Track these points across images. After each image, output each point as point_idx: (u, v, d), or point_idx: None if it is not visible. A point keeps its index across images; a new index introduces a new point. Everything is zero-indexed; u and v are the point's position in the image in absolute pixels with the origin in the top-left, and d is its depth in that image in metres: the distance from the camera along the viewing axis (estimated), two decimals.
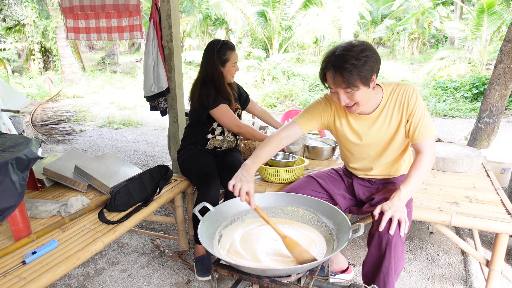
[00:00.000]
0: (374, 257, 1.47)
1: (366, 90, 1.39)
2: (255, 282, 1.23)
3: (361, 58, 1.31)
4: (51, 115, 6.88)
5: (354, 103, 1.43)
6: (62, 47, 11.18)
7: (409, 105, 1.49)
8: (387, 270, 1.43)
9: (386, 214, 1.40)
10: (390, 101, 1.53)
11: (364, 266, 1.54)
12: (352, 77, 1.32)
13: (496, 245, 1.65)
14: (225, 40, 2.15)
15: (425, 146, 1.50)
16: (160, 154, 4.67)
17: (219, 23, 14.38)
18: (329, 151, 2.49)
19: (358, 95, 1.39)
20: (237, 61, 2.14)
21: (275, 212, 1.58)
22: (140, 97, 3.79)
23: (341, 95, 1.41)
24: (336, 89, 1.40)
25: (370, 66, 1.34)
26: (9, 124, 2.72)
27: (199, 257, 2.07)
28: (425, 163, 1.49)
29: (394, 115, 1.53)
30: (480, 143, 3.49)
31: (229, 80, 2.18)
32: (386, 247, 1.40)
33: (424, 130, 1.49)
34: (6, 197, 1.23)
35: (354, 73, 1.32)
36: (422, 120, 1.49)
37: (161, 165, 2.06)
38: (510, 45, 3.21)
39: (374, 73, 1.37)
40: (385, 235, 1.40)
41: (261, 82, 9.91)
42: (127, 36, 3.14)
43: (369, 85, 1.39)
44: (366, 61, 1.32)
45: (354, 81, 1.33)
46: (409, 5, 14.08)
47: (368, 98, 1.45)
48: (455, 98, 7.77)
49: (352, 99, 1.41)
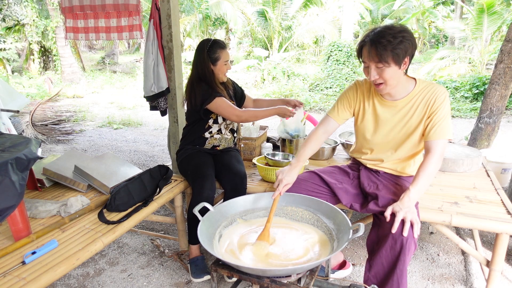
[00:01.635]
0: (386, 258, 1.46)
1: (396, 70, 1.43)
2: (255, 282, 1.23)
3: (397, 37, 1.37)
4: (51, 115, 6.88)
5: (382, 81, 1.47)
6: (61, 47, 11.19)
7: (435, 103, 1.53)
8: (401, 271, 1.44)
9: (398, 215, 1.40)
10: (420, 94, 1.56)
11: (373, 268, 1.52)
12: (386, 53, 1.38)
13: (496, 245, 1.64)
14: (216, 39, 2.14)
15: (437, 145, 1.52)
16: (160, 154, 4.67)
17: (219, 23, 14.37)
18: (329, 151, 2.49)
19: (387, 72, 1.43)
20: (228, 59, 2.13)
21: (275, 212, 1.58)
22: (140, 97, 3.79)
23: (372, 70, 1.46)
24: (369, 63, 1.45)
25: (404, 46, 1.39)
26: (8, 124, 2.71)
27: (193, 258, 2.07)
28: (433, 163, 1.50)
29: (419, 109, 1.56)
30: (480, 143, 3.49)
31: (221, 79, 2.17)
32: (400, 249, 1.41)
33: (441, 129, 1.52)
34: (6, 197, 1.23)
35: (388, 49, 1.37)
36: (443, 120, 1.52)
37: (161, 165, 2.06)
38: (510, 45, 3.20)
39: (407, 55, 1.42)
40: (399, 237, 1.40)
41: (261, 82, 9.91)
42: (126, 36, 3.14)
43: (400, 66, 1.43)
44: (402, 41, 1.38)
45: (387, 57, 1.39)
46: (409, 5, 14.08)
47: (397, 81, 1.48)
48: (455, 98, 7.76)
49: (381, 76, 1.45)
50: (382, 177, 1.74)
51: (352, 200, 1.71)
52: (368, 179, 1.75)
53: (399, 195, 1.56)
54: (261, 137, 2.60)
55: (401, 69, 1.45)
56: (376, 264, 1.50)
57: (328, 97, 8.49)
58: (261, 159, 2.25)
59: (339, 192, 1.71)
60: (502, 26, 8.92)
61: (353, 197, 1.73)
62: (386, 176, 1.74)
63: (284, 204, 1.59)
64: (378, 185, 1.70)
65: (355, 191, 1.75)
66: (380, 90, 1.54)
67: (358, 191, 1.75)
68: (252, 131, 2.56)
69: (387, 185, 1.69)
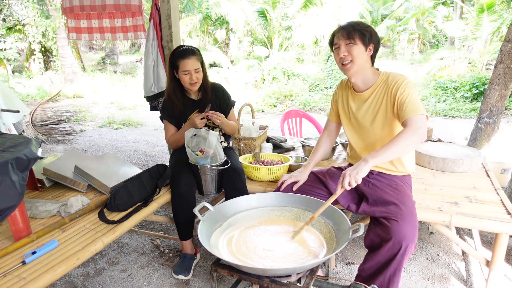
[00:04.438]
0: (384, 256, 1.48)
1: (363, 51, 1.58)
2: (255, 282, 1.23)
3: (365, 24, 1.61)
4: (51, 115, 6.89)
5: (350, 59, 1.59)
6: (62, 47, 11.19)
7: (395, 86, 1.58)
8: (395, 270, 1.47)
9: (345, 180, 1.43)
10: (382, 85, 1.64)
11: (368, 262, 1.55)
12: (354, 31, 1.57)
13: (496, 245, 1.65)
14: (185, 46, 2.06)
15: (410, 121, 1.50)
16: (160, 154, 4.67)
17: (219, 23, 14.36)
18: (329, 151, 2.48)
19: (355, 49, 1.57)
20: (188, 69, 2.00)
21: (276, 212, 1.58)
22: (140, 97, 3.79)
23: (342, 47, 1.60)
24: (339, 42, 1.60)
25: (369, 32, 1.58)
26: (9, 124, 2.71)
27: (183, 254, 2.13)
28: (404, 133, 1.47)
29: (384, 99, 1.62)
30: (480, 143, 3.49)
31: (187, 88, 2.13)
32: (399, 251, 1.43)
33: (411, 107, 1.52)
34: (6, 197, 1.23)
35: (356, 28, 1.57)
36: (409, 98, 1.54)
37: (159, 165, 2.06)
38: (510, 45, 3.21)
39: (372, 42, 1.59)
40: (401, 241, 1.42)
41: (261, 82, 9.91)
42: (131, 36, 3.16)
43: (366, 48, 1.59)
44: (368, 27, 1.59)
45: (354, 34, 1.57)
46: (409, 5, 14.06)
47: (363, 62, 1.60)
48: (455, 98, 7.77)
49: (350, 52, 1.58)
50: (375, 178, 1.74)
51: (349, 201, 1.72)
52: (363, 182, 1.72)
53: (392, 194, 1.58)
54: (261, 137, 2.60)
55: (367, 53, 1.60)
56: (372, 259, 1.53)
57: (328, 97, 8.49)
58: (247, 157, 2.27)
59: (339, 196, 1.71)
60: (501, 26, 8.91)
61: (350, 198, 1.74)
62: (380, 177, 1.74)
63: (284, 204, 1.60)
64: (370, 186, 1.70)
65: (352, 192, 1.76)
66: (348, 70, 1.62)
67: (355, 192, 1.76)
68: (252, 131, 2.56)
69: (380, 185, 1.69)
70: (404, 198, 1.59)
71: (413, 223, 1.48)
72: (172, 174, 2.03)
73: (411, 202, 1.59)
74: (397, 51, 14.69)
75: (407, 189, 1.71)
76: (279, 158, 2.27)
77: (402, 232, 1.43)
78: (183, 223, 2.02)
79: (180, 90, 2.16)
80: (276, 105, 8.12)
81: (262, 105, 8.05)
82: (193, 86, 2.08)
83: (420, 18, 14.07)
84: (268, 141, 2.75)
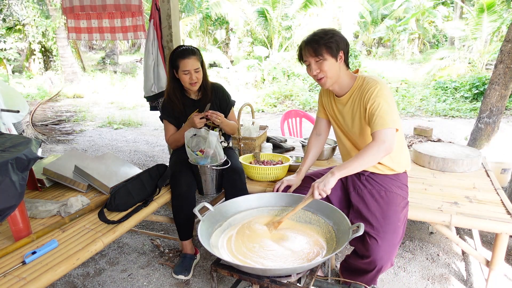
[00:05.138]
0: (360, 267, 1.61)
1: (333, 62, 1.55)
2: (255, 282, 1.23)
3: (328, 33, 1.54)
4: (51, 115, 6.89)
5: (323, 75, 1.58)
6: (62, 47, 11.19)
7: (367, 95, 1.56)
8: (367, 282, 1.58)
9: (315, 192, 1.46)
10: (357, 91, 1.63)
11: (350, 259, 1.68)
12: (320, 47, 1.53)
13: (496, 245, 1.65)
14: (185, 46, 2.06)
15: (377, 134, 1.50)
16: (160, 154, 4.67)
17: (219, 23, 14.36)
18: (329, 151, 2.49)
19: (325, 65, 1.55)
20: (188, 69, 2.00)
21: (275, 212, 1.58)
22: (140, 97, 3.79)
23: (312, 65, 1.58)
24: (308, 59, 1.59)
25: (335, 40, 1.53)
26: (9, 124, 2.71)
27: (183, 254, 2.13)
28: (369, 149, 1.48)
29: (360, 103, 1.61)
30: (480, 143, 3.49)
31: (186, 88, 2.14)
32: (374, 269, 1.53)
33: (379, 120, 1.50)
34: (6, 197, 1.23)
35: (321, 43, 1.53)
36: (379, 110, 1.51)
37: (159, 164, 2.06)
38: (510, 45, 3.21)
39: (340, 49, 1.56)
40: (378, 262, 1.50)
41: (261, 82, 9.91)
42: (131, 36, 3.16)
43: (336, 59, 1.56)
44: (333, 36, 1.54)
45: (321, 50, 1.53)
46: (409, 5, 14.07)
47: (336, 73, 1.59)
48: (455, 98, 7.76)
49: (321, 69, 1.57)
50: (366, 180, 1.71)
51: (343, 208, 1.73)
52: (352, 179, 1.74)
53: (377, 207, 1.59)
54: (261, 137, 2.60)
55: (338, 62, 1.57)
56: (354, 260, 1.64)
57: None
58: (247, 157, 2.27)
59: (331, 197, 1.70)
60: (501, 26, 8.91)
61: (344, 202, 1.75)
62: (371, 179, 1.71)
63: (284, 205, 1.60)
64: (359, 191, 1.69)
65: (345, 197, 1.76)
66: (323, 84, 1.62)
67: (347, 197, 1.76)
68: (252, 131, 2.56)
69: (367, 193, 1.66)
70: (389, 210, 1.57)
71: (393, 241, 1.50)
72: (172, 174, 2.03)
73: (395, 215, 1.56)
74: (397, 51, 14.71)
75: (397, 195, 1.65)
76: (279, 158, 2.27)
77: (380, 254, 1.48)
78: (183, 223, 2.02)
79: (180, 90, 2.16)
80: (276, 105, 8.11)
81: (262, 105, 8.05)
82: (193, 86, 2.08)
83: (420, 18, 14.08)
84: (268, 141, 2.75)
